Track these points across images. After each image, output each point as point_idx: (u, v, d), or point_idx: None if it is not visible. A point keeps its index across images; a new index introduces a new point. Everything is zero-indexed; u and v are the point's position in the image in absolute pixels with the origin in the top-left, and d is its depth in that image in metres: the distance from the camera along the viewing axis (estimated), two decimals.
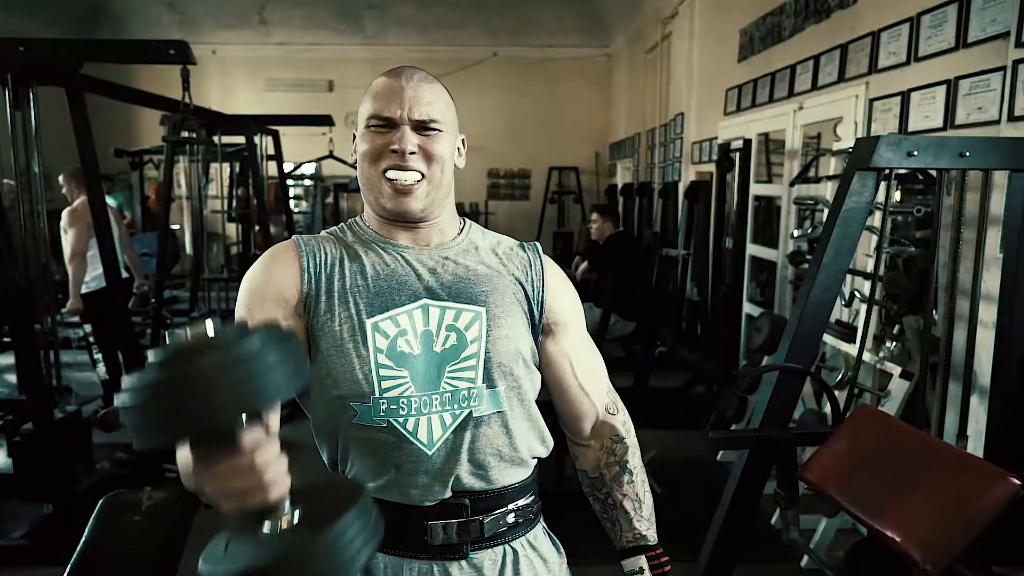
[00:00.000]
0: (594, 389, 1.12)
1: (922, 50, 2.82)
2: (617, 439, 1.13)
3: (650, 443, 3.41)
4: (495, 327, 1.01)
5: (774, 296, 4.03)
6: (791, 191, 3.71)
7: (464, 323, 1.00)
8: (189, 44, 2.64)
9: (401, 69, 1.03)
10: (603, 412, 1.13)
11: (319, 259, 1.01)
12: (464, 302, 1.01)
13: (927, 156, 1.78)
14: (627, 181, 7.98)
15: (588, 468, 1.15)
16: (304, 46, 9.23)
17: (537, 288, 1.07)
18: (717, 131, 5.03)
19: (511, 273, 1.06)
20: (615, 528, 1.13)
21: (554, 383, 1.10)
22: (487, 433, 1.00)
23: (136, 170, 6.58)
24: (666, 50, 6.43)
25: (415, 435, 0.97)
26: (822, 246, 1.87)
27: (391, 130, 0.99)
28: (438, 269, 1.02)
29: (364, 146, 1.00)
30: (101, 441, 3.42)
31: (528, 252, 1.10)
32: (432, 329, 0.99)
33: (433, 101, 1.00)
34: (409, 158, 0.98)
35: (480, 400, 0.99)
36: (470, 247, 1.07)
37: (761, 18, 4.48)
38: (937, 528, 1.35)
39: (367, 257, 1.02)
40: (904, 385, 2.47)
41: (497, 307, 1.02)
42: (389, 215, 1.02)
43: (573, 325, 1.11)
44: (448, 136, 1.02)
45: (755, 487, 1.96)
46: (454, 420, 0.98)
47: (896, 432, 1.65)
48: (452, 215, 1.09)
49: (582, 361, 1.11)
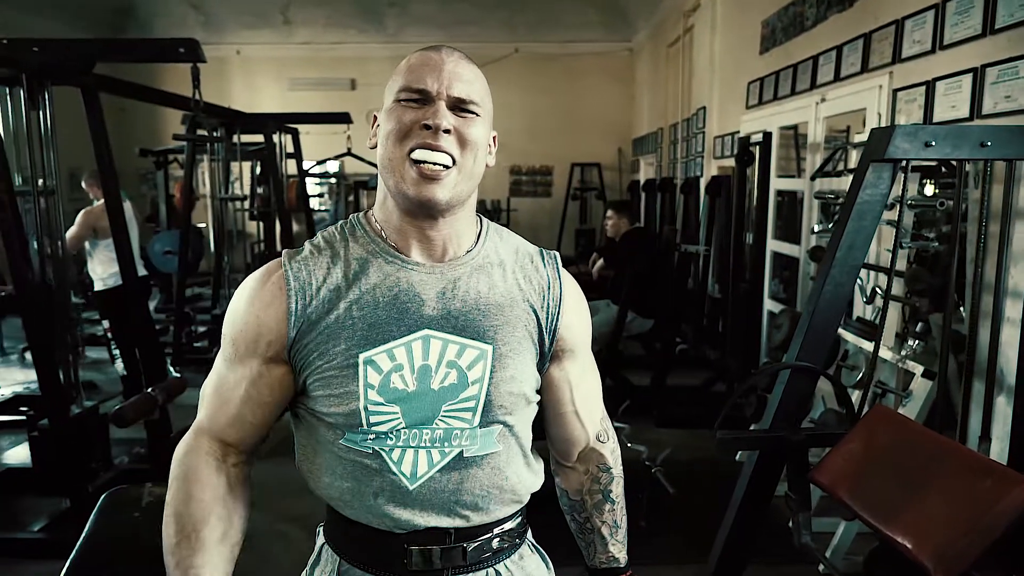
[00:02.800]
0: (589, 416, 1.07)
1: (947, 37, 2.72)
2: (604, 468, 1.09)
3: (666, 442, 3.35)
4: (500, 368, 0.93)
5: (796, 293, 3.94)
6: (812, 185, 3.62)
7: (467, 361, 0.92)
8: (199, 42, 2.65)
9: (440, 45, 0.93)
10: (593, 439, 1.09)
11: (310, 293, 0.90)
12: (470, 337, 0.92)
13: (946, 146, 1.70)
14: (649, 177, 7.90)
15: (570, 490, 1.12)
16: (327, 45, 9.28)
17: (552, 315, 0.98)
18: (739, 125, 4.94)
19: (527, 299, 0.96)
20: (589, 548, 1.12)
21: (550, 406, 1.05)
22: (476, 475, 0.94)
23: (161, 169, 6.67)
24: (688, 43, 6.34)
25: (399, 466, 0.91)
26: (835, 240, 1.81)
27: (424, 105, 0.88)
28: (447, 293, 0.92)
29: (390, 123, 0.89)
30: (120, 436, 3.48)
31: (547, 268, 1.00)
32: (431, 364, 0.91)
33: (473, 81, 0.91)
34: (442, 137, 0.87)
35: (473, 440, 0.93)
36: (485, 262, 0.96)
37: (783, 8, 4.38)
38: (950, 535, 1.29)
39: (368, 279, 0.91)
40: (927, 385, 2.39)
41: (505, 344, 0.93)
42: (410, 205, 0.89)
43: (581, 350, 1.04)
44: (484, 123, 0.93)
45: (766, 488, 1.90)
46: (442, 458, 0.92)
47: (911, 434, 1.58)
48: (471, 218, 0.98)
49: (582, 387, 1.06)
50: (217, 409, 0.95)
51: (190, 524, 0.89)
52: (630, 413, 3.99)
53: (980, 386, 2.03)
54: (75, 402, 3.03)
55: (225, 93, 8.57)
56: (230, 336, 0.93)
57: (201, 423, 0.97)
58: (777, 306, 4.05)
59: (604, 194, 9.26)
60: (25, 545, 2.70)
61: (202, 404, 0.97)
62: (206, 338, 5.65)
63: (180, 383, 3.08)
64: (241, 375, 0.92)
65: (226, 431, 0.95)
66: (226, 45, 9.10)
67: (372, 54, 9.21)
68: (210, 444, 0.95)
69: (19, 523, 2.85)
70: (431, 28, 8.77)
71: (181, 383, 3.09)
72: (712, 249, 4.72)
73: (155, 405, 2.79)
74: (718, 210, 4.54)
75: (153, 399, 2.79)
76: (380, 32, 9.00)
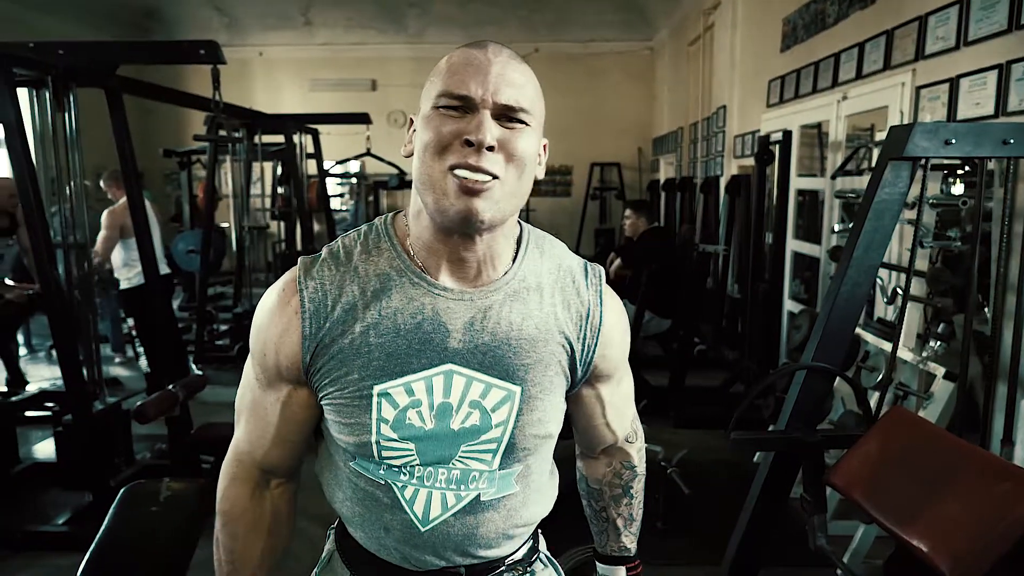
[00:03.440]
0: (619, 423, 1.04)
1: (972, 33, 2.67)
2: (628, 465, 1.08)
3: (683, 442, 3.33)
4: (528, 411, 0.86)
5: (817, 293, 3.89)
6: (833, 184, 3.58)
7: (492, 402, 0.84)
8: (218, 44, 2.69)
9: (486, 41, 0.81)
10: (622, 440, 1.06)
11: (323, 313, 0.83)
12: (498, 376, 0.84)
13: (966, 144, 1.67)
14: (669, 176, 7.85)
15: (590, 478, 1.10)
16: (347, 46, 9.35)
17: (588, 347, 0.90)
18: (760, 124, 4.89)
19: (562, 330, 0.88)
20: (601, 535, 1.12)
21: (580, 419, 1.02)
22: (492, 518, 0.89)
23: (184, 170, 6.77)
24: (708, 42, 6.29)
25: (411, 505, 0.87)
26: (852, 240, 1.78)
27: (466, 115, 0.77)
28: (476, 324, 0.83)
29: (427, 134, 0.78)
30: (142, 433, 3.54)
31: (589, 291, 0.90)
32: (453, 402, 0.83)
33: (524, 84, 0.79)
34: (485, 156, 0.76)
35: (491, 483, 0.88)
36: (521, 287, 0.86)
37: (805, 5, 4.33)
38: (967, 539, 1.27)
39: (390, 302, 0.82)
40: (948, 387, 2.35)
41: (535, 386, 0.86)
42: (449, 222, 0.78)
43: (617, 373, 0.98)
44: (534, 133, 0.81)
45: (780, 490, 1.88)
46: (458, 502, 0.87)
47: (929, 436, 1.56)
48: (511, 234, 0.87)
49: (615, 400, 1.01)
50: (256, 432, 0.92)
51: (240, 559, 0.95)
52: (647, 413, 3.96)
53: (1004, 388, 2.00)
54: (98, 398, 3.08)
55: (247, 94, 8.69)
56: (256, 357, 0.89)
57: (241, 446, 0.94)
58: (798, 307, 4.00)
59: (624, 194, 9.23)
60: (50, 538, 2.75)
61: (239, 421, 0.94)
62: (227, 336, 5.72)
63: (201, 380, 3.12)
64: (275, 397, 0.89)
65: (269, 454, 0.93)
66: (249, 47, 9.21)
67: (393, 55, 9.27)
68: (250, 472, 0.94)
69: (44, 517, 2.90)
70: (452, 28, 8.80)
71: (202, 380, 3.13)
72: (731, 249, 4.68)
73: (175, 402, 2.83)
74: (738, 209, 4.50)
75: (174, 396, 2.83)
76: (401, 33, 9.04)
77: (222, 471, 0.97)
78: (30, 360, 5.52)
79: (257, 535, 0.95)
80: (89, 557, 1.46)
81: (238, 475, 0.94)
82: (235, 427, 0.96)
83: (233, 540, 0.94)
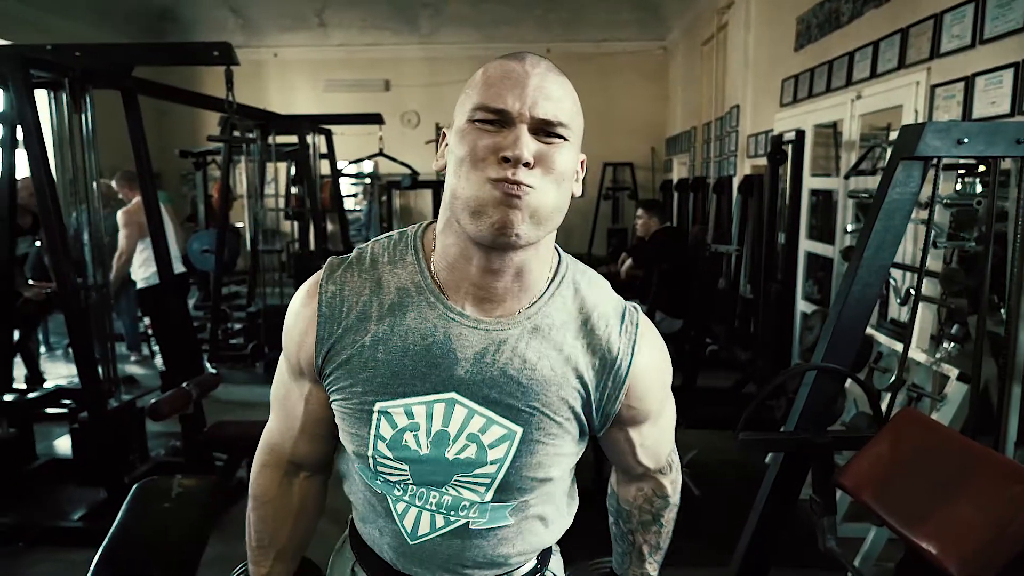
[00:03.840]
0: (652, 460, 0.98)
1: (988, 31, 2.64)
2: (661, 495, 1.02)
3: (693, 443, 3.32)
4: (526, 453, 0.83)
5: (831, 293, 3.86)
6: (847, 184, 3.55)
7: (491, 439, 0.82)
8: (232, 45, 2.71)
9: (524, 53, 0.79)
10: (654, 472, 1.01)
11: (338, 320, 0.83)
12: (500, 414, 0.81)
13: (979, 143, 1.66)
14: (683, 176, 7.82)
15: (620, 497, 1.05)
16: (361, 47, 9.39)
17: (610, 396, 0.85)
18: (773, 123, 4.87)
19: (580, 376, 0.83)
20: (624, 557, 1.07)
21: (610, 456, 0.99)
22: (480, 544, 0.88)
23: (200, 170, 6.83)
24: (722, 41, 6.26)
25: (401, 520, 0.88)
26: (863, 240, 1.77)
27: (502, 129, 0.74)
28: (487, 356, 0.80)
29: (462, 148, 0.75)
30: (157, 430, 3.58)
31: (622, 339, 0.84)
32: (451, 432, 0.82)
33: (562, 98, 0.77)
34: (521, 172, 0.73)
35: (483, 514, 0.86)
36: (544, 323, 0.82)
37: (819, 4, 4.30)
38: (977, 541, 1.25)
39: (404, 319, 0.81)
40: (962, 389, 2.32)
41: (539, 430, 0.82)
42: (482, 236, 0.75)
43: (651, 417, 0.91)
44: (573, 148, 0.78)
45: (789, 491, 1.87)
46: (447, 525, 0.86)
47: (939, 438, 1.54)
48: (544, 260, 0.83)
49: (647, 442, 0.94)
50: (285, 423, 0.96)
51: (266, 538, 1.00)
52: None
53: (1018, 390, 1.97)
54: (113, 396, 3.12)
55: (263, 95, 8.75)
56: (285, 351, 0.91)
57: (272, 436, 0.98)
58: (811, 307, 3.98)
59: (636, 193, 9.20)
60: (66, 533, 2.79)
61: (272, 412, 0.98)
62: (241, 335, 5.77)
63: (214, 379, 3.15)
64: (299, 393, 0.92)
65: (298, 446, 0.96)
66: (264, 48, 9.28)
67: (406, 55, 9.30)
68: (280, 460, 0.98)
69: (61, 512, 2.95)
70: (465, 28, 8.82)
71: (215, 379, 3.16)
72: (744, 249, 4.66)
73: (189, 400, 2.86)
74: (750, 210, 4.48)
75: (187, 394, 2.87)
76: (414, 33, 9.07)
77: (255, 457, 1.01)
78: (48, 358, 5.60)
79: (284, 520, 1.00)
80: (102, 553, 1.48)
81: (269, 463, 0.99)
82: (270, 416, 1.00)
83: (262, 523, 1.00)
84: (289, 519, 1.00)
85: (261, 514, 1.00)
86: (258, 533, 1.01)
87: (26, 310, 3.98)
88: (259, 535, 1.00)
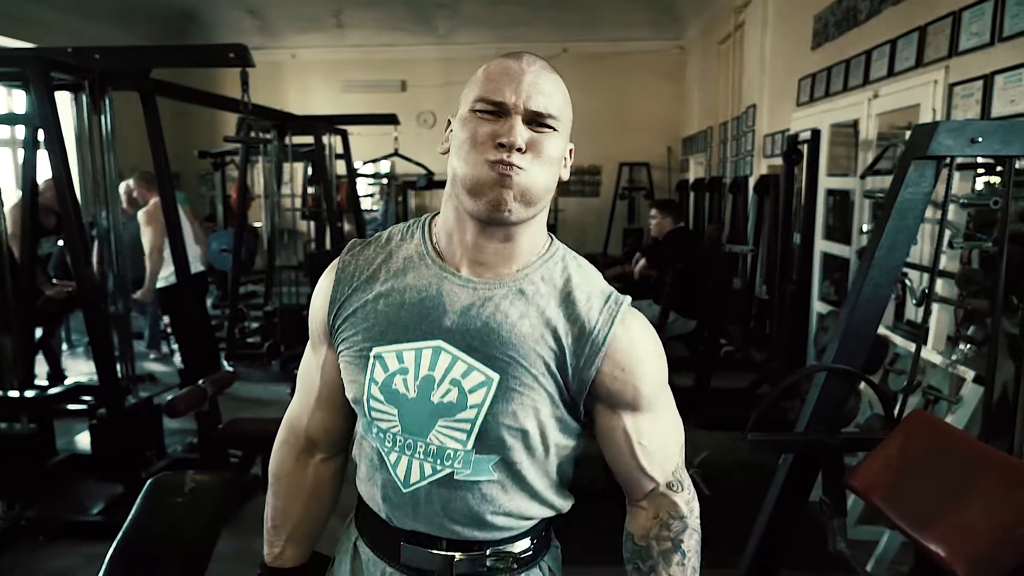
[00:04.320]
0: (656, 468, 0.96)
1: (1007, 29, 2.61)
2: (676, 515, 0.97)
3: (706, 444, 3.31)
4: (502, 400, 0.88)
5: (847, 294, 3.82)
6: (863, 184, 3.52)
7: (470, 384, 0.89)
8: (247, 47, 2.74)
9: (521, 53, 0.89)
10: (663, 487, 0.97)
11: (349, 282, 0.95)
12: (480, 360, 0.88)
13: (994, 143, 1.64)
14: (699, 176, 7.77)
15: (635, 534, 0.99)
16: (378, 47, 9.44)
17: (585, 363, 0.89)
18: (790, 123, 4.83)
19: (557, 336, 0.89)
20: None
21: (607, 454, 0.98)
22: (465, 498, 0.92)
23: (218, 170, 6.90)
24: (739, 40, 6.22)
25: (395, 469, 0.94)
26: (875, 240, 1.76)
27: (499, 119, 0.85)
28: (473, 309, 0.89)
29: (464, 134, 0.86)
30: (174, 427, 3.63)
31: (601, 316, 0.90)
32: (436, 376, 0.89)
33: (553, 93, 0.87)
34: (515, 156, 0.84)
35: (466, 465, 0.91)
36: (529, 288, 0.90)
37: (836, 2, 4.26)
38: (985, 544, 1.24)
39: (405, 279, 0.92)
40: (978, 391, 2.29)
41: (514, 379, 0.88)
42: (478, 211, 0.85)
43: (645, 405, 0.94)
44: (562, 138, 0.89)
45: (800, 493, 1.86)
46: (434, 473, 0.92)
47: (950, 440, 1.53)
48: (535, 240, 0.93)
49: (646, 442, 0.95)
50: (304, 397, 1.05)
51: (281, 516, 1.07)
52: None
53: None
54: (131, 393, 3.17)
55: (280, 96, 8.82)
56: (310, 324, 1.01)
57: (292, 411, 1.07)
58: (827, 308, 3.94)
59: (652, 193, 9.16)
60: (85, 527, 2.84)
61: (296, 389, 1.07)
62: (258, 334, 5.83)
63: (230, 376, 3.19)
64: (318, 362, 1.01)
65: (313, 418, 1.04)
66: (281, 49, 9.36)
67: (422, 56, 9.33)
68: (297, 438, 1.06)
69: (80, 506, 3.00)
70: (481, 29, 8.83)
71: (231, 376, 3.20)
72: (760, 249, 4.63)
73: (205, 397, 2.90)
74: (766, 210, 4.45)
75: (203, 391, 2.90)
76: (431, 34, 9.10)
77: (278, 435, 1.09)
78: (69, 355, 5.69)
79: (297, 498, 1.06)
80: (116, 546, 1.50)
81: (287, 440, 1.07)
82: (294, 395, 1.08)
83: (277, 498, 1.07)
84: (302, 497, 1.06)
85: (275, 489, 1.07)
86: (273, 510, 1.07)
87: (48, 308, 4.05)
88: (273, 513, 1.07)
